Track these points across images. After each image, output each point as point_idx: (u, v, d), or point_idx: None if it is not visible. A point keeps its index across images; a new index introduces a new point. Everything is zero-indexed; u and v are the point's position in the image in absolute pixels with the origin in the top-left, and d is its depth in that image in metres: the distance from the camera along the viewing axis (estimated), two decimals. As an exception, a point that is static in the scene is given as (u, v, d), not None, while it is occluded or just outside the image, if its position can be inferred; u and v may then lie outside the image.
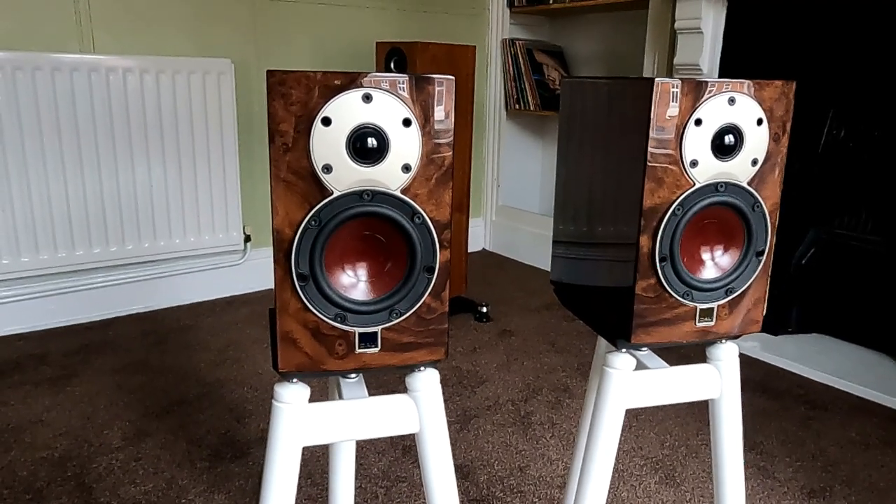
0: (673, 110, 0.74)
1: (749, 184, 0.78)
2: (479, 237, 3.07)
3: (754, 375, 1.87)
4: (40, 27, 1.94)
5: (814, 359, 1.94)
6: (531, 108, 2.82)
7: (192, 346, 1.98)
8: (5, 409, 1.61)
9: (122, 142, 2.06)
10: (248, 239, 2.39)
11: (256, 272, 2.44)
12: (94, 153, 2.02)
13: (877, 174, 1.89)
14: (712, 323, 0.82)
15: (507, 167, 3.02)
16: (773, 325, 2.09)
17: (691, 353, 1.92)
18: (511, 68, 2.85)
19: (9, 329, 2.03)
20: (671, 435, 1.56)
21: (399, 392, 0.79)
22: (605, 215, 0.84)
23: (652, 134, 0.74)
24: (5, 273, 1.96)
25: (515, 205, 3.04)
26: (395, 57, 2.07)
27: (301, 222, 0.69)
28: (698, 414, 1.65)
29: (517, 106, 2.86)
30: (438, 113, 0.70)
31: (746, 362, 1.95)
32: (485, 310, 2.23)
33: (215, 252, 2.32)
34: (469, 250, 2.82)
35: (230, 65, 2.19)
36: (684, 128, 0.74)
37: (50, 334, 2.04)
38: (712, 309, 0.81)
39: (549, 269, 2.77)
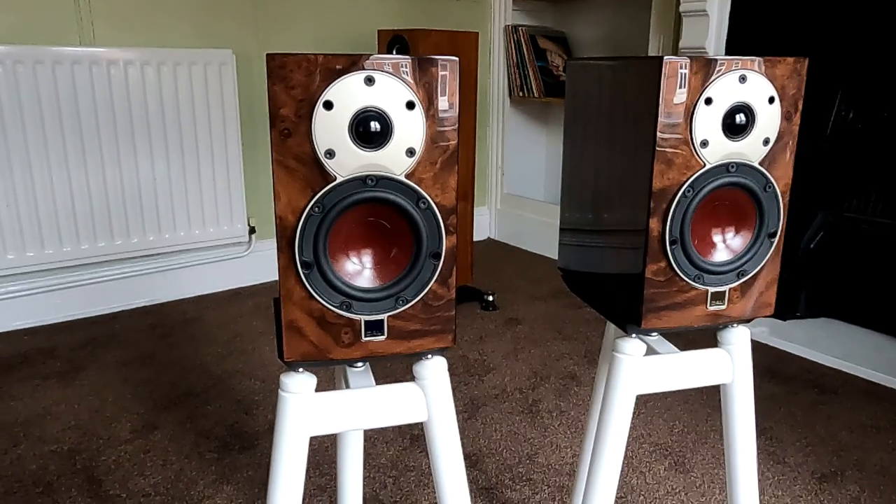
0: (682, 90, 0.72)
1: (761, 164, 0.77)
2: (483, 226, 3.06)
3: (763, 360, 1.86)
4: (41, 20, 1.93)
5: (823, 343, 1.92)
6: (535, 94, 2.80)
7: (199, 339, 1.98)
8: (14, 402, 1.61)
9: (125, 135, 2.05)
10: (252, 230, 2.38)
11: (262, 264, 2.44)
12: (97, 146, 2.01)
13: (886, 156, 1.86)
14: (724, 306, 0.81)
15: (511, 155, 3.00)
16: (782, 309, 2.07)
17: (696, 338, 1.91)
18: (514, 55, 2.82)
19: (16, 324, 2.03)
20: (680, 421, 1.55)
21: (405, 381, 0.78)
22: (613, 199, 0.82)
23: (661, 114, 0.72)
24: (11, 268, 1.96)
25: (520, 193, 3.02)
26: (397, 45, 2.05)
27: (304, 209, 0.67)
28: (707, 400, 1.64)
29: (521, 93, 2.84)
30: (442, 95, 0.69)
31: (755, 347, 1.93)
32: (491, 298, 2.22)
33: (220, 244, 2.32)
34: (474, 239, 2.81)
35: (232, 55, 2.17)
36: (694, 107, 0.73)
37: (56, 328, 2.04)
38: (724, 292, 0.80)
39: (554, 257, 2.76)
